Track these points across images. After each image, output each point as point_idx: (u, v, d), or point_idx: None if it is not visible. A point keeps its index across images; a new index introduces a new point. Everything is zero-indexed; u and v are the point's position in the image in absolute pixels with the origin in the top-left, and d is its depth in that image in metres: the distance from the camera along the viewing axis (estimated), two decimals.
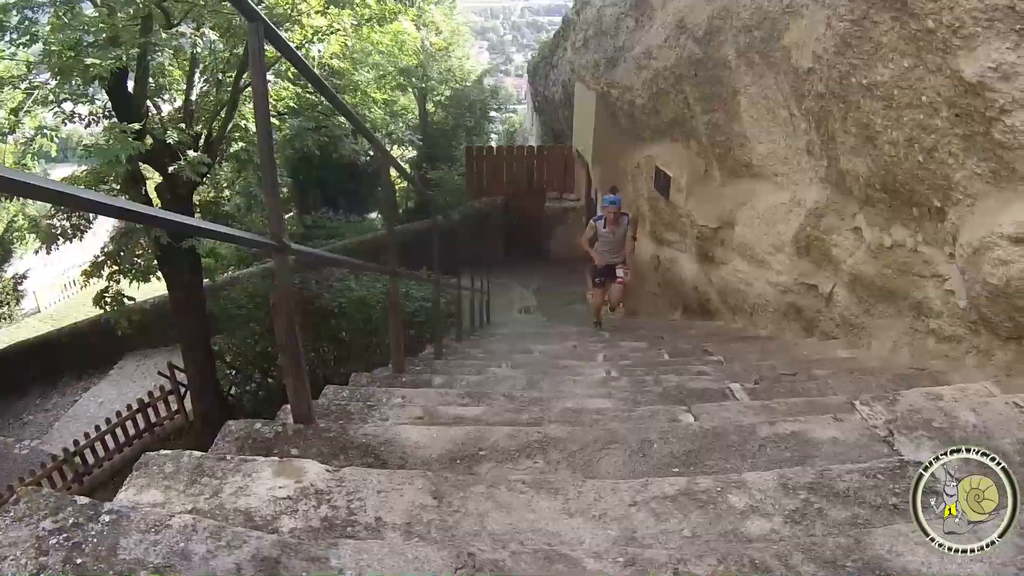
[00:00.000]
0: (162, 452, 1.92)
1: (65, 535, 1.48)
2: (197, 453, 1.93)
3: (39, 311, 23.38)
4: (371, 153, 18.50)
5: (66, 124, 8.92)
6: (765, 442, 2.37)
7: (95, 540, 1.48)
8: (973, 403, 2.53)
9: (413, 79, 17.81)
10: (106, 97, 8.57)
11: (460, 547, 1.56)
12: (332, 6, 8.56)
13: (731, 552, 1.60)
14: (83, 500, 1.58)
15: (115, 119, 8.12)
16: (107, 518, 1.54)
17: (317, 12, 8.13)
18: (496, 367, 4.70)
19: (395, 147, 21.85)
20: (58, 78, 7.31)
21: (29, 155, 8.96)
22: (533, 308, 13.55)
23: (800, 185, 5.63)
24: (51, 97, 8.05)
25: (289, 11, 8.29)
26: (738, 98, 6.26)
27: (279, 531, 1.72)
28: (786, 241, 5.71)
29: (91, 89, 8.24)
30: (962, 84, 3.23)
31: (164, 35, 7.54)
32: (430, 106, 22.81)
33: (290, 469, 1.87)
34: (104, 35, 6.92)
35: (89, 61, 6.50)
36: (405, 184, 24.20)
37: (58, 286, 24.28)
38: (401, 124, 20.02)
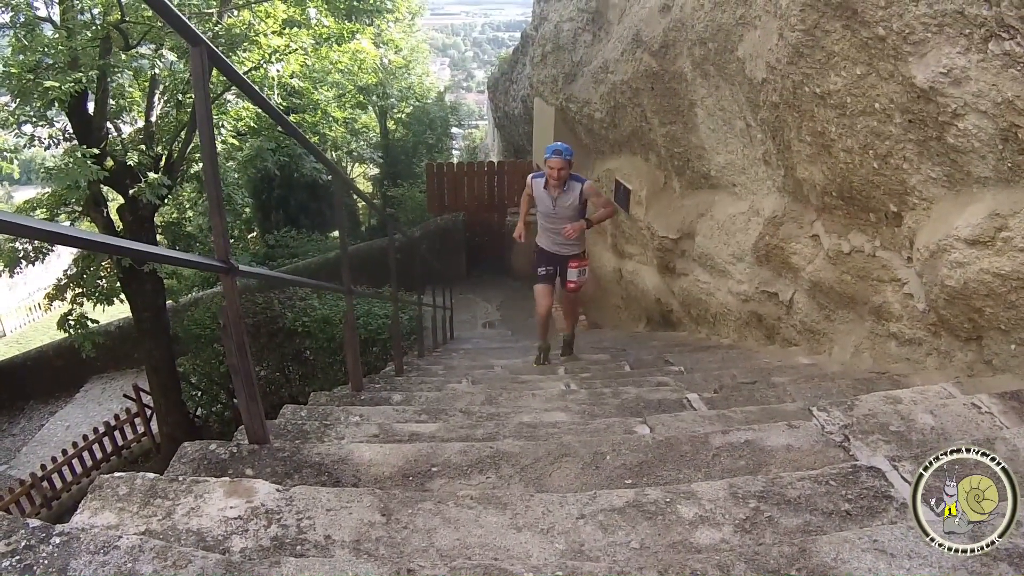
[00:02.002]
0: (116, 475, 1.91)
1: (17, 557, 1.52)
2: (151, 475, 1.91)
3: (4, 335, 23.00)
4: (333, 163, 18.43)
5: (27, 148, 8.79)
6: (719, 451, 2.36)
7: (46, 562, 1.51)
8: (931, 405, 2.54)
9: (374, 97, 17.80)
10: (66, 119, 8.45)
11: (401, 564, 1.56)
12: (289, 27, 8.50)
13: (673, 563, 1.59)
14: (35, 523, 1.61)
15: (75, 141, 8.02)
16: (58, 540, 1.57)
17: (274, 32, 8.06)
18: (456, 383, 4.67)
19: (356, 165, 21.74)
20: (18, 100, 7.19)
21: None
22: (497, 322, 13.52)
23: (758, 195, 5.68)
24: (11, 120, 7.94)
25: (246, 31, 8.22)
26: (695, 110, 6.30)
27: (230, 551, 1.71)
28: (746, 250, 5.74)
29: (51, 112, 8.15)
30: (914, 90, 3.27)
31: (123, 56, 7.46)
32: (391, 123, 22.79)
33: (241, 489, 1.85)
34: (64, 58, 6.82)
35: (48, 84, 6.43)
36: (372, 197, 24.17)
37: (23, 309, 23.90)
38: (362, 142, 19.97)
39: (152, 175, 7.72)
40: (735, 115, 5.65)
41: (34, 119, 8.00)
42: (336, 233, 22.18)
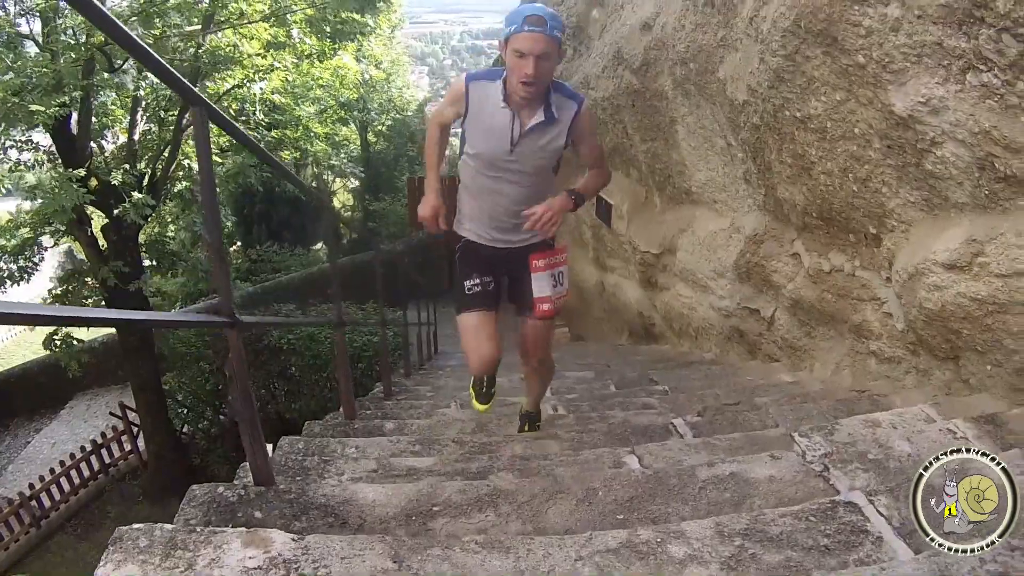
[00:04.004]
0: (135, 526, 1.93)
1: None
2: (168, 526, 1.94)
3: None
4: (315, 187, 18.48)
5: (12, 172, 8.79)
6: (705, 484, 2.44)
7: None
8: (908, 431, 2.62)
9: (355, 112, 17.89)
10: (49, 139, 8.47)
11: None
12: (272, 48, 8.57)
13: None
14: None
15: (59, 160, 8.06)
16: None
17: (258, 54, 8.12)
18: (445, 407, 4.71)
19: (337, 180, 21.75)
20: (2, 124, 7.19)
21: None
22: None
23: (739, 212, 5.77)
24: None
25: (231, 53, 8.28)
26: (676, 127, 6.39)
27: None
28: (727, 266, 5.83)
29: (35, 133, 8.16)
30: (893, 117, 3.36)
31: (106, 75, 7.48)
32: (371, 136, 22.85)
33: (258, 539, 1.90)
34: (49, 80, 6.83)
35: (34, 108, 6.42)
36: (349, 214, 24.20)
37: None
38: (343, 155, 20.02)
39: (136, 195, 7.75)
40: (716, 134, 5.74)
41: (19, 144, 8.01)
42: (318, 247, 22.26)
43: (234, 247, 20.60)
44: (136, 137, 8.67)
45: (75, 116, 7.97)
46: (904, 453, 2.46)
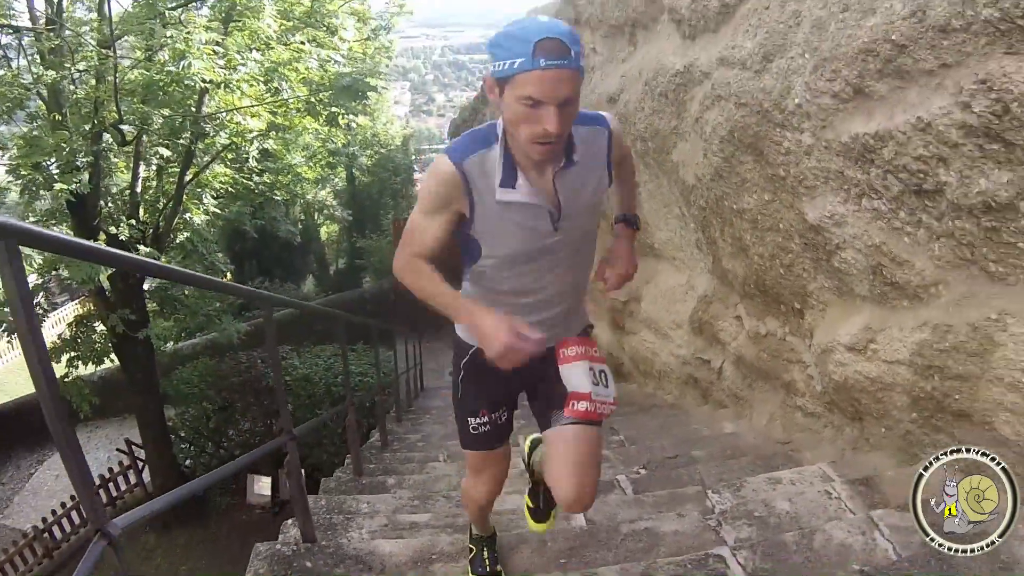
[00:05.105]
0: None
1: None
2: None
3: None
4: (304, 223, 19.13)
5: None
6: (625, 537, 3.19)
7: None
8: (793, 492, 3.34)
9: (343, 157, 18.54)
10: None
11: None
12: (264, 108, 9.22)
13: None
14: None
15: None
16: None
17: (253, 116, 8.76)
18: (434, 460, 5.45)
19: (324, 220, 22.43)
20: (26, 196, 7.76)
21: None
22: None
23: (694, 271, 6.47)
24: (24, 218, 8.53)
25: (224, 119, 8.91)
26: (639, 188, 7.08)
27: None
28: (684, 320, 6.54)
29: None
30: (807, 223, 4.07)
31: (117, 148, 8.08)
32: (356, 171, 23.51)
33: None
34: (68, 158, 7.41)
35: (59, 186, 6.98)
36: (336, 244, 24.82)
37: None
38: (328, 190, 20.67)
39: (143, 248, 8.33)
40: (673, 203, 6.43)
41: (43, 218, 8.54)
42: (308, 282, 22.90)
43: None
44: (139, 189, 9.26)
45: (86, 177, 8.57)
46: (783, 511, 3.18)
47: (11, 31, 7.82)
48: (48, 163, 7.56)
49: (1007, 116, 2.64)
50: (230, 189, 9.87)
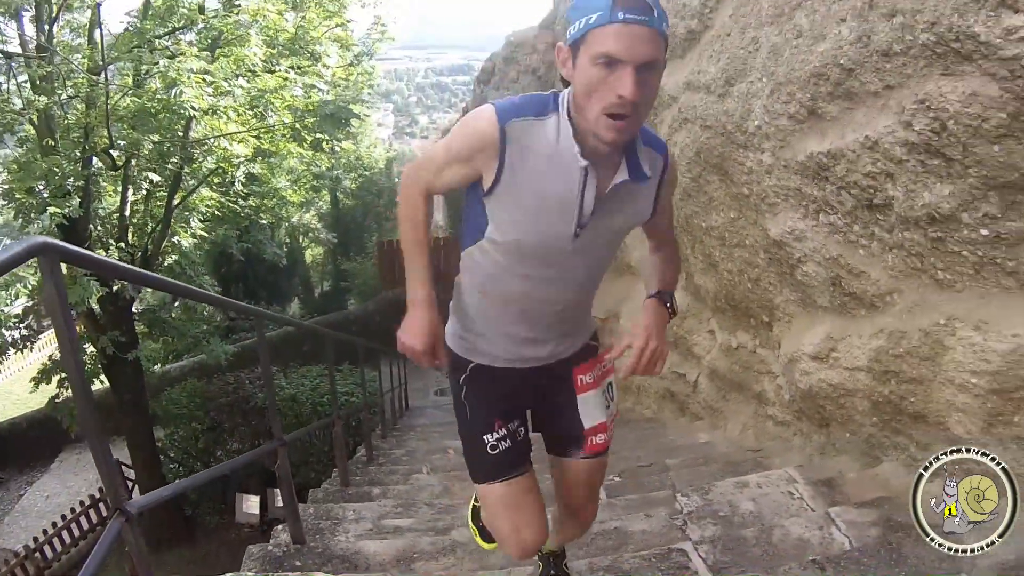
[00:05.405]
0: None
1: None
2: (249, 575, 2.75)
3: None
4: (290, 246, 19.33)
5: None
6: (596, 536, 3.35)
7: None
8: (757, 493, 3.51)
9: (327, 181, 18.73)
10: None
11: None
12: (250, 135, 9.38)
13: None
14: None
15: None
16: None
17: (240, 142, 8.92)
18: (418, 472, 5.61)
19: (309, 243, 22.58)
20: (20, 220, 7.87)
21: None
22: (446, 390, 14.30)
23: None
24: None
25: (211, 145, 9.08)
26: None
27: None
28: None
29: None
30: (770, 238, 4.27)
31: (107, 173, 8.22)
32: (340, 194, 23.70)
33: None
34: (60, 183, 7.54)
35: (52, 210, 7.10)
36: (321, 266, 24.94)
37: None
38: (313, 213, 20.82)
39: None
40: None
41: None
42: (294, 304, 22.99)
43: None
44: (127, 213, 9.39)
45: (77, 202, 8.70)
46: (747, 511, 3.35)
47: (2, 56, 7.95)
48: (39, 187, 7.67)
49: (944, 133, 2.84)
50: (217, 213, 10.02)
